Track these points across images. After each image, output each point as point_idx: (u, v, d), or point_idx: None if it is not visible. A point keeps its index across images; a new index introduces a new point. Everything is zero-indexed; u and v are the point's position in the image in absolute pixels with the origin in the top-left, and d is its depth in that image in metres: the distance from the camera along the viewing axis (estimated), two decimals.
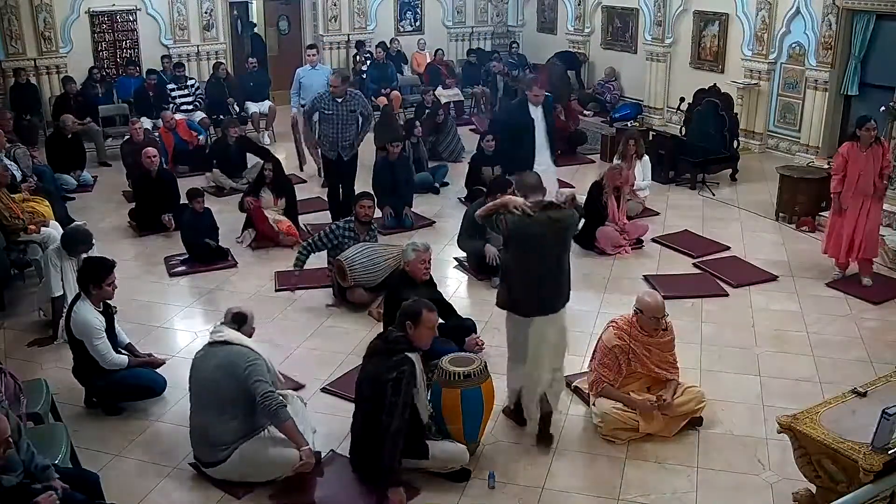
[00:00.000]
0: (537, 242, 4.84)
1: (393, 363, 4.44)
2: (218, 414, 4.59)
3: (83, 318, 5.26)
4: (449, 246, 8.28)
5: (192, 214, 8.11)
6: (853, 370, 5.86)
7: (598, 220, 8.20)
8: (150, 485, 4.72)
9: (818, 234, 8.62)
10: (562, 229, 4.94)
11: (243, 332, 4.80)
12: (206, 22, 13.65)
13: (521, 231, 4.81)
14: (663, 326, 5.15)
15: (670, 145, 10.65)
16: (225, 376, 4.55)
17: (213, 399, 4.60)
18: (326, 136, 8.49)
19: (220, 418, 4.58)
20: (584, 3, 14.72)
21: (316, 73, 10.62)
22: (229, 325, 4.78)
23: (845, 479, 3.88)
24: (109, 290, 5.43)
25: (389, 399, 4.37)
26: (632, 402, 5.11)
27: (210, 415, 4.62)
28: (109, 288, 5.41)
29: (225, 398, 4.56)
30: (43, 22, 12.27)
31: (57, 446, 4.44)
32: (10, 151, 9.08)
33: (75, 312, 5.31)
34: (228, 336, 4.67)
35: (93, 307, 5.35)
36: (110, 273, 5.42)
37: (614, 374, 5.16)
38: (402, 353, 4.47)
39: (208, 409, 4.63)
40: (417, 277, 5.98)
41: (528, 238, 4.84)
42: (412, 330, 4.53)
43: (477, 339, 6.04)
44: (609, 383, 5.16)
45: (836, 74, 10.56)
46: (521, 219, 4.78)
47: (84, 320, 5.26)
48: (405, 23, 15.57)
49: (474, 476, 4.78)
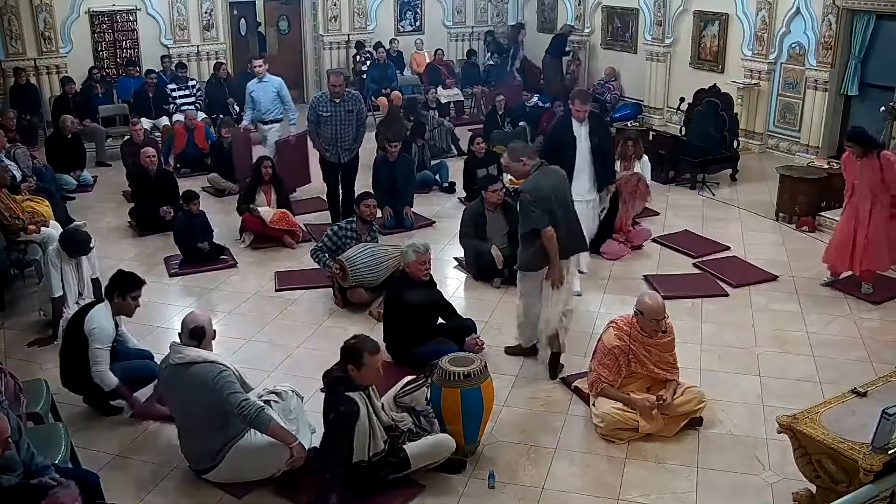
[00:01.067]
0: (553, 195, 5.58)
1: (330, 402, 4.52)
2: (203, 427, 4.60)
3: (100, 321, 5.25)
4: (449, 246, 8.28)
5: (185, 216, 8.09)
6: (853, 370, 5.86)
7: (606, 232, 8.09)
8: (150, 485, 4.72)
9: (818, 234, 8.64)
10: (562, 178, 5.87)
11: (203, 346, 4.69)
12: (206, 22, 13.67)
13: (539, 192, 5.54)
14: (663, 328, 5.15)
15: (670, 145, 10.65)
16: (199, 395, 4.53)
17: (194, 417, 4.61)
18: (325, 138, 8.41)
19: (206, 430, 4.59)
20: (584, 3, 14.71)
21: (264, 84, 10.11)
22: (188, 342, 4.67)
23: (845, 479, 3.88)
24: (131, 305, 5.38)
25: (325, 432, 4.57)
26: (631, 401, 5.11)
27: (195, 430, 4.64)
28: (133, 302, 5.38)
29: (205, 413, 4.55)
30: (43, 22, 12.29)
31: (57, 446, 4.44)
32: (10, 151, 9.08)
33: (94, 311, 5.31)
34: (189, 356, 4.59)
35: (111, 316, 5.34)
36: (138, 288, 5.40)
37: (614, 374, 5.16)
38: (340, 394, 4.48)
39: (191, 426, 4.66)
40: (417, 278, 5.99)
41: (547, 195, 5.55)
42: (355, 372, 4.49)
43: (477, 339, 6.03)
44: (608, 383, 5.16)
45: (836, 74, 10.56)
46: (535, 180, 5.59)
47: (100, 322, 5.25)
48: (405, 23, 15.58)
49: (474, 476, 4.78)
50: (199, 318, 4.76)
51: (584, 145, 7.34)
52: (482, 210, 7.62)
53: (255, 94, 10.10)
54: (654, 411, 5.08)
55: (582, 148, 7.33)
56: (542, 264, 5.67)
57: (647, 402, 5.07)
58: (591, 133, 7.37)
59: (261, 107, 10.04)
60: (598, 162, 7.42)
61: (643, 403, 5.07)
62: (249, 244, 8.38)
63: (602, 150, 7.51)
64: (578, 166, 7.30)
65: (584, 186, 7.34)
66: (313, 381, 5.73)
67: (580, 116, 7.33)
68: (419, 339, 5.81)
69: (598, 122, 7.72)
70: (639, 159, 9.27)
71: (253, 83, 10.20)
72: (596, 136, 7.42)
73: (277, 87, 10.09)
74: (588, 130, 7.36)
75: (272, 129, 10.20)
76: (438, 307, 6.19)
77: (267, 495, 4.63)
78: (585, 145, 7.35)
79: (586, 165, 7.37)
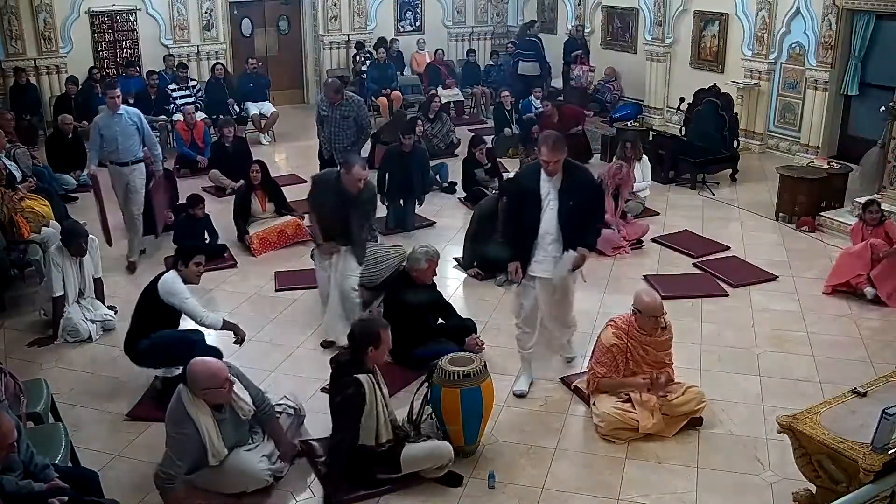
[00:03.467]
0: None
1: (337, 385, 4.56)
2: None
3: (171, 283, 5.45)
4: (449, 246, 8.28)
5: (187, 219, 8.07)
6: (853, 370, 5.86)
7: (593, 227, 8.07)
8: (150, 485, 4.70)
9: (818, 234, 8.64)
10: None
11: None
12: (206, 22, 13.66)
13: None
14: (662, 325, 5.15)
15: (670, 145, 10.64)
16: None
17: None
18: (325, 136, 8.41)
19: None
20: (584, 3, 14.72)
21: (118, 119, 7.72)
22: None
23: (845, 479, 3.88)
24: (195, 270, 5.57)
25: (333, 420, 4.59)
26: (626, 384, 5.14)
27: None
28: (196, 268, 5.57)
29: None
30: (43, 22, 12.29)
31: (57, 446, 4.45)
32: (10, 151, 9.08)
33: (164, 277, 5.50)
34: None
35: (179, 280, 5.49)
36: (199, 254, 5.65)
37: (611, 373, 5.17)
38: (350, 376, 4.51)
39: None
40: (422, 282, 6.00)
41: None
42: (374, 352, 4.55)
43: (477, 339, 6.04)
44: (604, 377, 5.20)
45: (836, 74, 10.56)
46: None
47: (172, 284, 5.44)
48: (405, 23, 15.57)
49: (474, 476, 4.78)
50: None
51: (553, 204, 5.30)
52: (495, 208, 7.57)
53: (105, 130, 7.71)
54: (654, 411, 5.08)
55: (549, 207, 5.31)
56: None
57: (639, 380, 5.11)
58: (563, 191, 5.28)
59: (117, 145, 7.72)
60: (567, 230, 5.36)
61: (637, 381, 5.11)
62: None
63: (579, 217, 5.37)
64: (543, 228, 5.36)
65: (549, 253, 5.42)
66: (313, 381, 5.76)
67: (550, 169, 5.23)
68: (419, 339, 5.81)
69: (579, 176, 5.41)
70: (639, 160, 9.31)
71: (104, 117, 7.80)
72: (571, 197, 5.29)
73: (136, 121, 7.84)
74: (561, 188, 5.28)
75: (135, 170, 7.92)
76: (438, 307, 6.19)
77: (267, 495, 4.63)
78: (554, 204, 5.29)
79: (553, 227, 5.35)
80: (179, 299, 5.44)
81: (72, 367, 6.09)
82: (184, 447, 4.30)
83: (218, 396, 4.35)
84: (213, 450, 4.35)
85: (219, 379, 4.34)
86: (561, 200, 5.31)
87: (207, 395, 4.32)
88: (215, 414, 4.38)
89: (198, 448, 4.32)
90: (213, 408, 4.38)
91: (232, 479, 4.50)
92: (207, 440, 4.31)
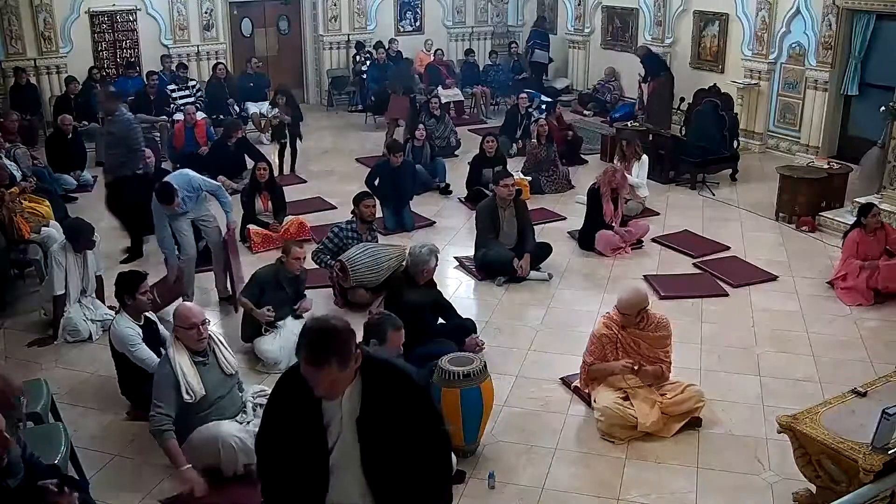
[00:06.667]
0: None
1: None
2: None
3: (119, 331, 5.30)
4: (449, 246, 8.27)
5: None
6: (853, 370, 5.86)
7: (599, 223, 8.16)
8: (150, 485, 4.71)
9: (818, 234, 8.64)
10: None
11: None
12: (206, 22, 13.67)
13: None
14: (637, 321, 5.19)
15: (670, 145, 10.64)
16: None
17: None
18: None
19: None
20: (584, 3, 14.73)
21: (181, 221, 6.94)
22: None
23: (845, 479, 3.88)
24: (144, 300, 5.42)
25: None
26: (611, 367, 5.19)
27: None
28: (144, 297, 5.41)
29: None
30: (43, 22, 12.30)
31: (57, 446, 4.43)
32: (11, 151, 9.09)
33: (113, 326, 5.39)
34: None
35: (130, 320, 5.36)
36: (143, 282, 5.42)
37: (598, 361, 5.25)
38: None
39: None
40: (424, 280, 6.00)
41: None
42: (377, 347, 4.44)
43: (477, 339, 6.04)
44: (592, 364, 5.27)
45: (836, 74, 10.57)
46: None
47: (120, 333, 5.29)
48: (405, 23, 15.58)
49: (474, 476, 4.78)
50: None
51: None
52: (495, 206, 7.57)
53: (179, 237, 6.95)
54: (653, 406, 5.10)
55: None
56: None
57: (626, 362, 5.14)
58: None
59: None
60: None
61: (621, 364, 5.15)
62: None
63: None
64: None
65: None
66: None
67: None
68: (419, 339, 5.79)
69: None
70: (638, 159, 9.32)
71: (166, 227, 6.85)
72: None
73: (194, 180, 6.92)
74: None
75: (209, 225, 7.16)
76: (439, 307, 6.19)
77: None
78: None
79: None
80: (128, 350, 5.24)
81: (72, 367, 6.09)
82: (161, 387, 4.56)
83: (188, 338, 4.67)
84: (187, 386, 4.57)
85: (189, 321, 4.64)
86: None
87: (180, 335, 4.68)
88: (195, 357, 4.68)
89: (173, 385, 4.56)
90: (193, 352, 4.69)
91: (209, 443, 4.59)
92: (181, 377, 4.57)
